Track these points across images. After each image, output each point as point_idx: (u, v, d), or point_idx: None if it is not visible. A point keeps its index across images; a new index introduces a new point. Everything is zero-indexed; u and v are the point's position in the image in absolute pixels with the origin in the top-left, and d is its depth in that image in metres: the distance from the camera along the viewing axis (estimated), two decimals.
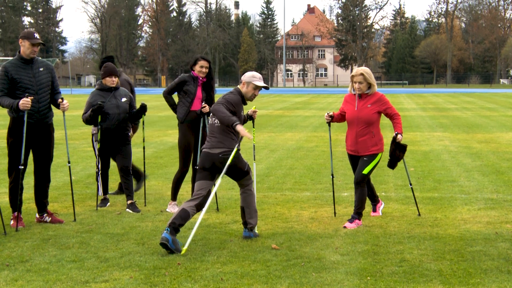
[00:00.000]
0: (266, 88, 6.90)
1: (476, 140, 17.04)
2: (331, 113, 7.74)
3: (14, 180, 7.42)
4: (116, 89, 8.49)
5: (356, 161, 7.61)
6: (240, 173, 6.85)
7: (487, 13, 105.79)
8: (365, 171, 7.43)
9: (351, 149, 7.60)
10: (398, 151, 7.59)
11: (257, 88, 6.85)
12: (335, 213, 7.96)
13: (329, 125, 8.00)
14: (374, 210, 8.05)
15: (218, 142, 6.70)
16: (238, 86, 6.95)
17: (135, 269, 5.74)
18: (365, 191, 7.51)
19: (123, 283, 5.37)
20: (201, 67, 8.09)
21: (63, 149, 14.96)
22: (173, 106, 8.35)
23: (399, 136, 7.48)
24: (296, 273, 5.62)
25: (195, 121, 8.23)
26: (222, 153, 6.67)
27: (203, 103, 8.11)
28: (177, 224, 6.35)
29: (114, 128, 8.38)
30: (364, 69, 7.48)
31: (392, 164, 7.72)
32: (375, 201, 8.03)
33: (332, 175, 8.15)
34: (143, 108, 8.46)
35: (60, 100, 7.48)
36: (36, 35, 7.39)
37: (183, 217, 6.41)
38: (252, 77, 6.82)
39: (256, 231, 6.99)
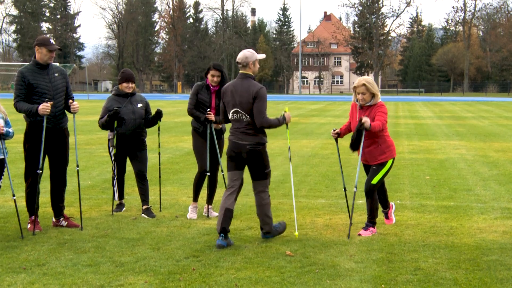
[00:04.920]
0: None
1: (493, 149, 16.92)
2: (337, 130, 7.67)
3: (30, 185, 7.47)
4: (132, 95, 8.55)
5: (368, 169, 7.60)
6: (258, 171, 6.98)
7: (506, 22, 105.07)
8: (374, 181, 7.40)
9: (362, 159, 7.59)
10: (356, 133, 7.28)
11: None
12: (350, 223, 7.91)
13: (337, 141, 7.91)
14: (387, 217, 7.99)
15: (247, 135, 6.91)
16: (244, 71, 6.90)
17: (150, 274, 5.77)
18: (375, 199, 7.47)
19: (138, 287, 5.40)
20: (212, 76, 8.07)
21: (78, 153, 15.07)
22: (199, 118, 8.16)
23: (364, 119, 7.08)
24: (310, 280, 5.62)
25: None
26: (249, 145, 6.89)
27: (208, 110, 8.08)
28: (227, 228, 6.77)
29: (129, 134, 8.43)
30: (366, 79, 7.37)
31: (352, 145, 7.46)
32: (386, 207, 7.94)
33: (345, 188, 8.07)
34: (159, 114, 8.51)
35: (70, 101, 7.51)
36: (52, 41, 7.46)
37: (230, 217, 6.83)
38: (252, 54, 6.90)
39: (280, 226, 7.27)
